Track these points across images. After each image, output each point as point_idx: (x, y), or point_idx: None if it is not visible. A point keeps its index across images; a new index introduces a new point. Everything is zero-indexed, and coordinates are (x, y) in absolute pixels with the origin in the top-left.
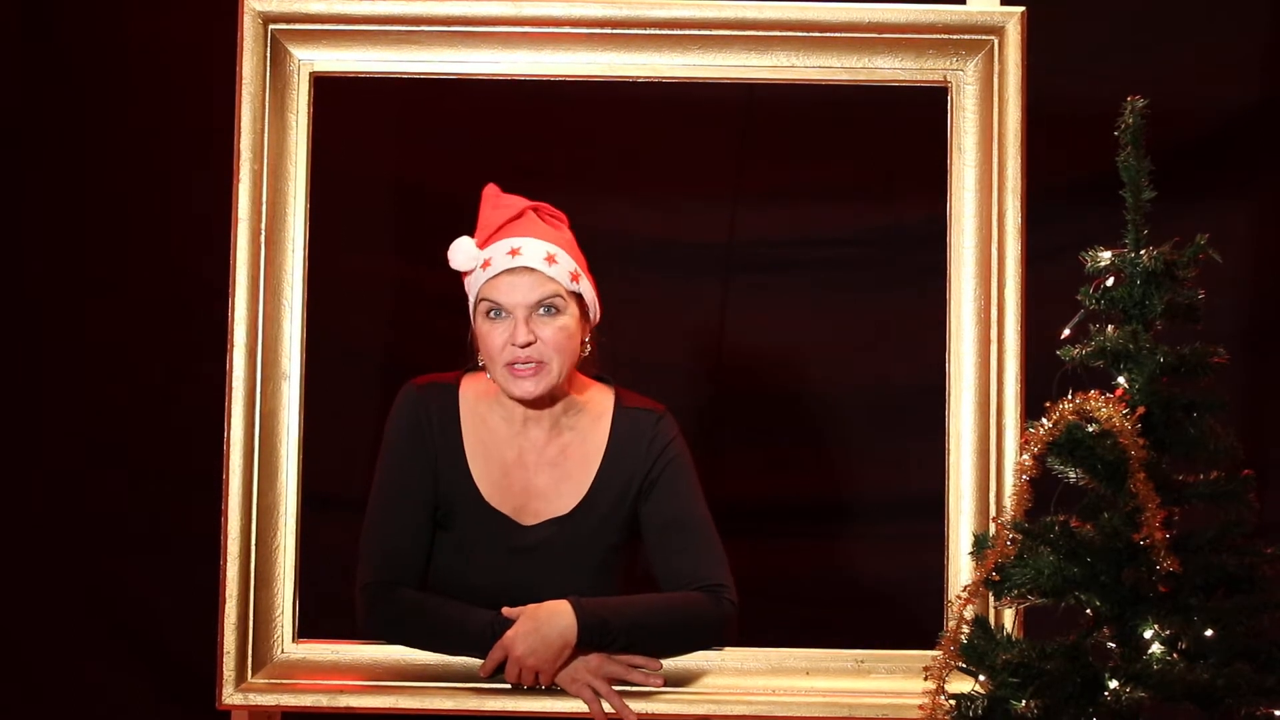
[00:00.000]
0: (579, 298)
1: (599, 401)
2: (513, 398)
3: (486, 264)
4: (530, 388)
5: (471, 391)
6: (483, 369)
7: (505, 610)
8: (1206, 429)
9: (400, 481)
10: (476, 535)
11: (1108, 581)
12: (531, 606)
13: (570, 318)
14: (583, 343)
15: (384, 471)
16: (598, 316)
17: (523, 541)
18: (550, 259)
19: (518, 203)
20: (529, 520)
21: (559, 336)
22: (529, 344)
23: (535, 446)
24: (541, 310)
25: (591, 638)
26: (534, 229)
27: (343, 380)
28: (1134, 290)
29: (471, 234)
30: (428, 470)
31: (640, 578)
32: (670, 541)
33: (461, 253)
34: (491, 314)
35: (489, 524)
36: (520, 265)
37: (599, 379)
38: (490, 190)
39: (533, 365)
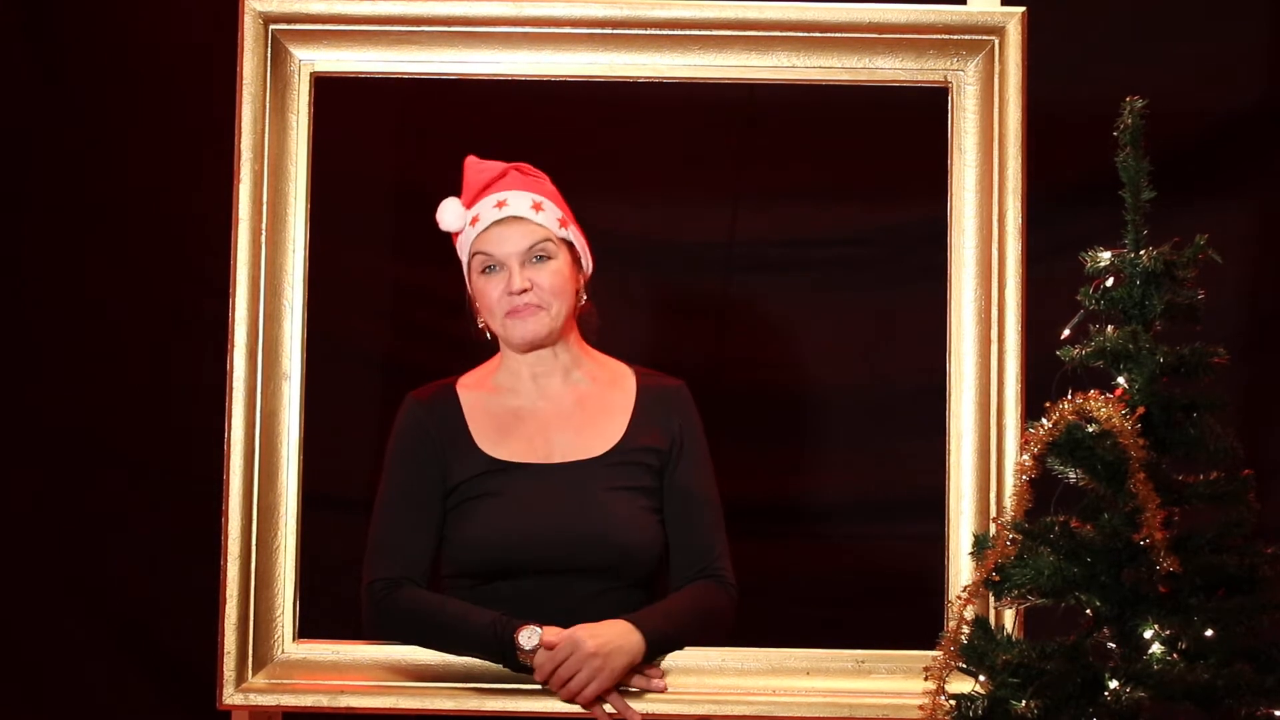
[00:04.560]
0: (569, 245)
1: (615, 367)
2: (514, 346)
3: (475, 220)
4: (531, 328)
5: (469, 383)
6: (482, 331)
7: (546, 634)
8: (1206, 429)
9: (408, 481)
10: (500, 492)
11: (1108, 582)
12: (590, 625)
13: (563, 263)
14: (577, 292)
15: (391, 473)
16: (590, 266)
17: (553, 478)
18: (536, 206)
19: (498, 164)
20: (557, 459)
21: (555, 280)
22: (525, 290)
23: (550, 399)
24: (534, 258)
25: (654, 654)
26: (517, 183)
27: (343, 381)
28: (1134, 290)
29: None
30: (436, 472)
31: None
32: (683, 517)
33: (449, 212)
34: (486, 269)
35: (511, 477)
36: (508, 215)
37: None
38: (471, 159)
39: (531, 308)
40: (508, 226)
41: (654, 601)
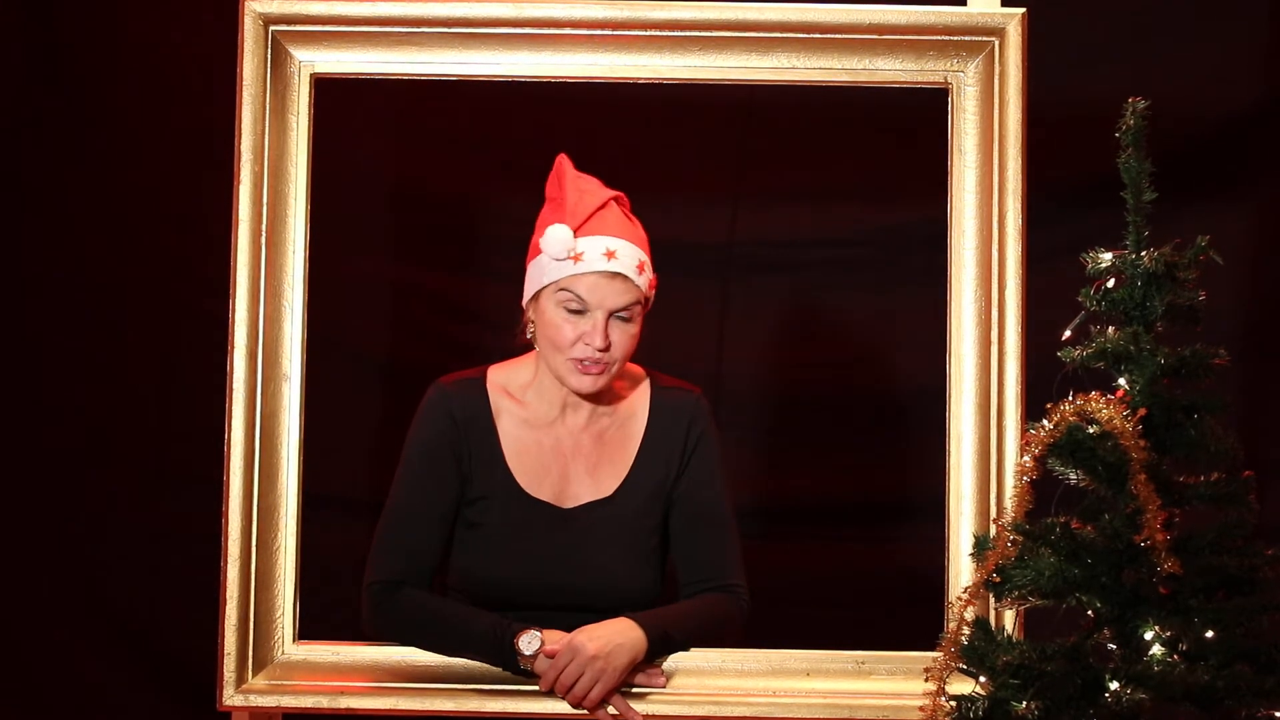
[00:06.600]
0: (646, 301)
1: (633, 383)
2: (570, 389)
3: (578, 258)
4: (590, 383)
5: (499, 383)
6: (523, 341)
7: (547, 641)
8: (1207, 431)
9: (423, 482)
10: (517, 524)
11: (1108, 583)
12: (590, 627)
13: (637, 324)
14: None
15: (407, 471)
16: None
17: (565, 526)
18: (640, 268)
19: (598, 189)
20: (570, 504)
21: (628, 345)
22: (605, 349)
23: (572, 432)
24: (620, 318)
25: (655, 652)
26: (624, 229)
27: (343, 382)
28: (1135, 292)
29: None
30: (454, 472)
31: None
32: (696, 533)
33: (557, 240)
34: (569, 308)
35: (529, 512)
36: (615, 270)
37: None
38: (568, 166)
39: (601, 366)
40: (610, 281)
41: None
